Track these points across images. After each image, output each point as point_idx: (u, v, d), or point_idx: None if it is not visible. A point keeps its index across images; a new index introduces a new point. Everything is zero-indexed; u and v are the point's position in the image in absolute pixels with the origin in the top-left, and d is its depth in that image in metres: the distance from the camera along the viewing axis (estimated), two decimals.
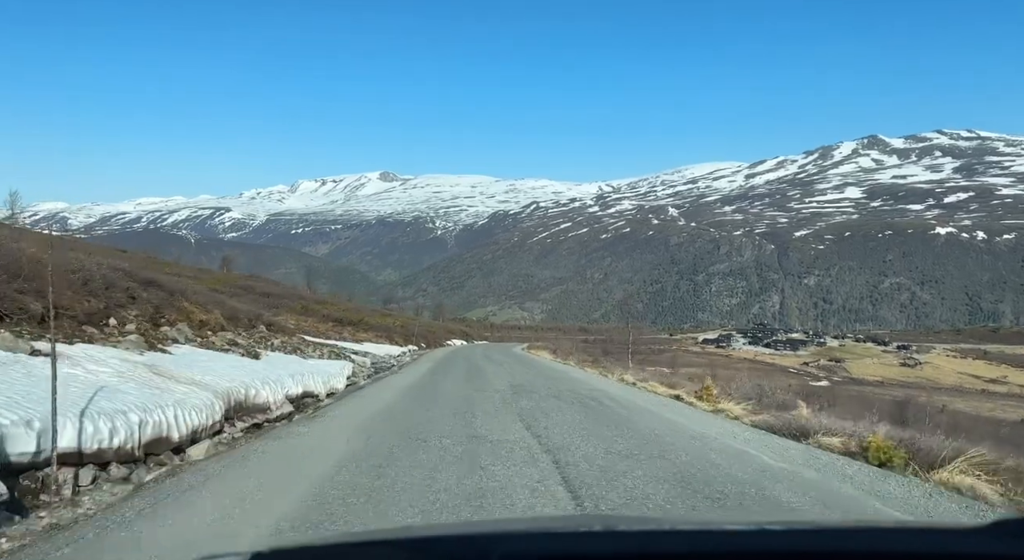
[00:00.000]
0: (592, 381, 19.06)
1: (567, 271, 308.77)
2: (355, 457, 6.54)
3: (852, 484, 6.28)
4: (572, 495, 5.26)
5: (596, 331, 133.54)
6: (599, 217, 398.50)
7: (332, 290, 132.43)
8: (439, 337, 61.11)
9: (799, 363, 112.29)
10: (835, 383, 69.95)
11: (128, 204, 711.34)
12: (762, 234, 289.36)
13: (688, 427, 9.79)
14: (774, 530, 1.28)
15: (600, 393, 14.73)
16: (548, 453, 6.96)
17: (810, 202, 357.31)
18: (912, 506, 5.59)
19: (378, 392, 14.04)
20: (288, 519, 4.42)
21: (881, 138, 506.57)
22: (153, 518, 4.49)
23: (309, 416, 10.04)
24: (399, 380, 17.38)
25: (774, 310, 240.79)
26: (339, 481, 5.52)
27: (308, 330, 29.45)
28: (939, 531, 1.30)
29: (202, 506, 4.77)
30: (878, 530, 1.33)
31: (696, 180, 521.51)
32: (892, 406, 30.69)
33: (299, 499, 4.94)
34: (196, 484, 5.44)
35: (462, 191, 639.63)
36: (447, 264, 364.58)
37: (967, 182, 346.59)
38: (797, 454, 7.86)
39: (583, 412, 10.83)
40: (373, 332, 42.04)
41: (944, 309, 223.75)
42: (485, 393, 13.43)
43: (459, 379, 17.33)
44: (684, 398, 14.57)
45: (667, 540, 1.19)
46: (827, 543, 1.15)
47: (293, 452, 6.87)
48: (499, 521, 3.04)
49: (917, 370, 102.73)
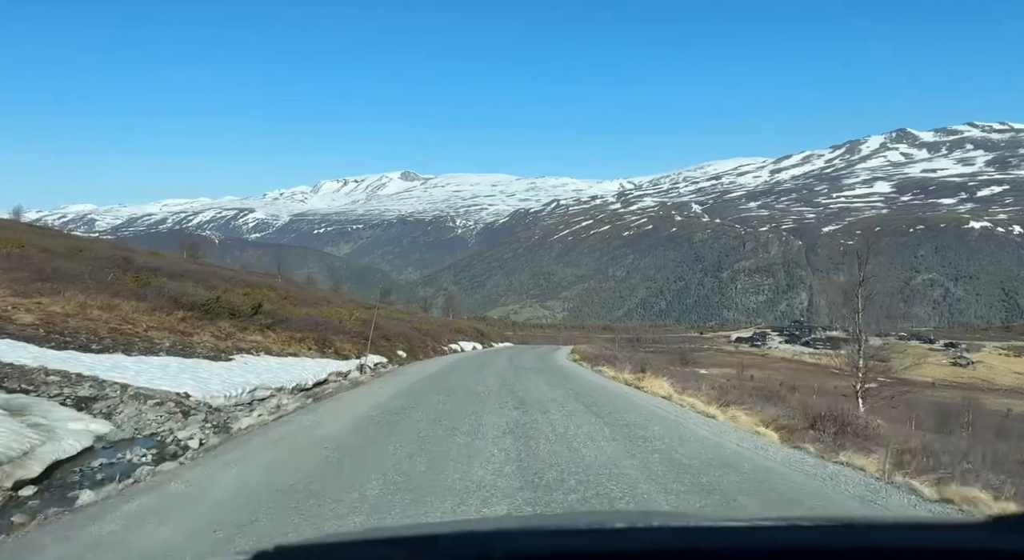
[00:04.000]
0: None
1: (589, 269, 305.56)
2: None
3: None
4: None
5: (621, 330, 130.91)
6: (621, 214, 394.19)
7: (354, 290, 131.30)
8: (440, 338, 39.48)
9: (843, 363, 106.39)
10: (882, 384, 66.63)
11: (154, 205, 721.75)
12: (789, 230, 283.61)
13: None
14: (772, 526, 1.27)
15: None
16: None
17: (838, 197, 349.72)
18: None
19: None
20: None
21: (910, 131, 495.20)
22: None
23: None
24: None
25: (802, 307, 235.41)
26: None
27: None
28: (939, 526, 1.28)
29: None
30: (877, 525, 1.33)
31: (720, 176, 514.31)
32: (963, 411, 28.18)
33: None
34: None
35: (482, 190, 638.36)
36: (468, 263, 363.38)
37: (1001, 175, 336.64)
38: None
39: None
40: (291, 332, 22.47)
41: (979, 305, 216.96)
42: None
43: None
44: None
45: (669, 537, 1.18)
46: (827, 539, 1.15)
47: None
48: (500, 519, 2.99)
49: (970, 370, 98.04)
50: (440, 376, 18.91)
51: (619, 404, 13.15)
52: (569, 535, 1.23)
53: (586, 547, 1.12)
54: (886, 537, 1.16)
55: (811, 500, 6.09)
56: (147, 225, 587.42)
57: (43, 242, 28.37)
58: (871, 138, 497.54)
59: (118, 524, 4.66)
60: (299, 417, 10.09)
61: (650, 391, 16.04)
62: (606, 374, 21.82)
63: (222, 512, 4.98)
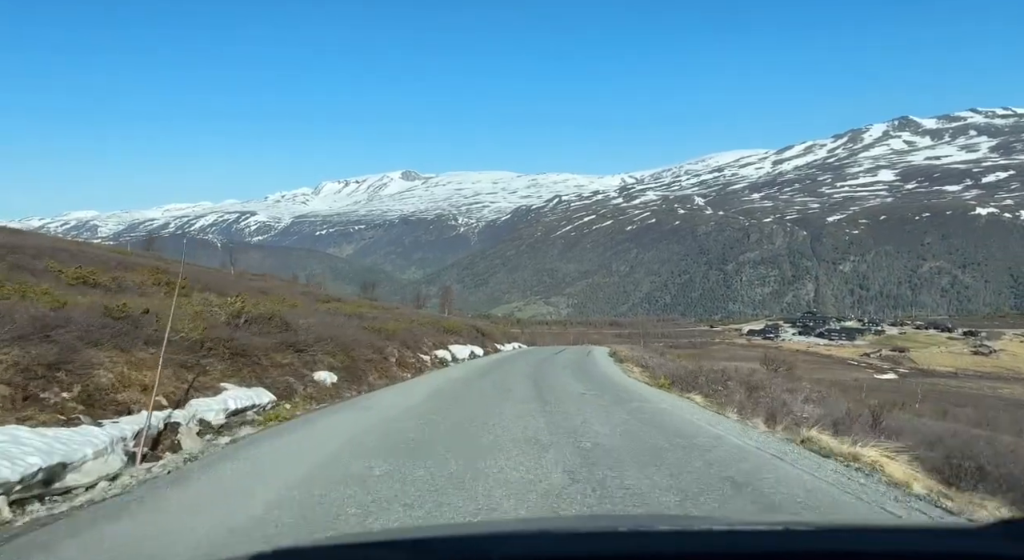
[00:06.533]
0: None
1: (592, 264, 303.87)
2: None
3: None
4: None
5: (627, 325, 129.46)
6: (623, 209, 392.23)
7: (357, 291, 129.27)
8: (418, 343, 23.78)
9: (858, 354, 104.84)
10: (903, 376, 64.99)
11: (156, 210, 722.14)
12: (793, 220, 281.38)
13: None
14: (775, 531, 1.26)
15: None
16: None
17: (842, 186, 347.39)
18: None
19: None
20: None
21: (912, 119, 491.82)
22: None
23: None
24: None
25: (808, 298, 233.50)
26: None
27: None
28: (944, 531, 1.26)
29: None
30: (882, 530, 1.29)
31: (722, 168, 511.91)
32: (996, 403, 26.63)
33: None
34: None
35: (484, 187, 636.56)
36: (471, 261, 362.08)
37: (1006, 160, 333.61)
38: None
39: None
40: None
41: (988, 292, 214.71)
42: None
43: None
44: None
45: (669, 541, 1.18)
46: (830, 543, 1.14)
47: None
48: (499, 522, 2.97)
49: (992, 358, 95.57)
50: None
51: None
52: (568, 539, 1.22)
53: (586, 551, 1.11)
54: (893, 541, 1.16)
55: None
56: (148, 230, 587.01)
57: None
58: (873, 126, 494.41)
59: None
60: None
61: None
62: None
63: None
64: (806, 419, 11.20)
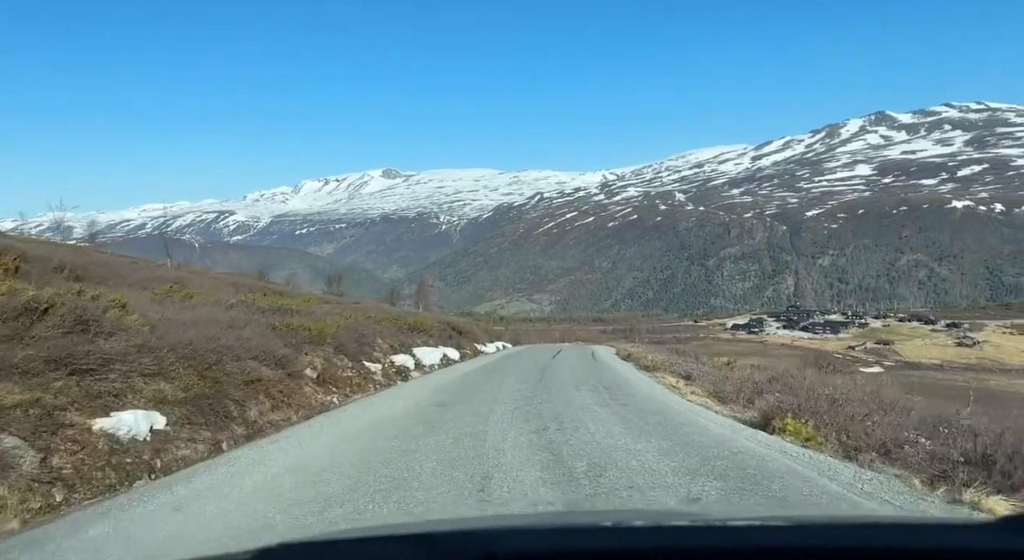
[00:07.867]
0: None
1: (575, 261, 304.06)
2: None
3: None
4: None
5: (611, 320, 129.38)
6: (605, 205, 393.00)
7: (341, 289, 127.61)
8: (361, 348, 16.21)
9: (843, 347, 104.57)
10: (889, 369, 65.33)
11: (133, 211, 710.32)
12: (773, 215, 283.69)
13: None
14: (777, 526, 1.26)
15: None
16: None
17: (820, 181, 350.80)
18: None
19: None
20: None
21: (888, 114, 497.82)
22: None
23: None
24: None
25: (789, 292, 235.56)
26: None
27: None
28: (947, 527, 1.27)
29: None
30: (884, 525, 1.30)
31: (702, 164, 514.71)
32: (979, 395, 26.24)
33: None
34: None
35: (465, 185, 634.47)
36: (453, 258, 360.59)
37: (980, 154, 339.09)
38: None
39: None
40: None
41: (964, 284, 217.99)
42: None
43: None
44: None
45: (673, 536, 1.17)
46: (833, 538, 1.14)
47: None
48: (502, 516, 3.04)
49: (976, 350, 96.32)
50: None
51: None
52: (572, 533, 1.22)
53: (590, 545, 1.11)
54: (896, 537, 1.16)
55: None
56: (125, 230, 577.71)
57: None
58: (850, 121, 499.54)
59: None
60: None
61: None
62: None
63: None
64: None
